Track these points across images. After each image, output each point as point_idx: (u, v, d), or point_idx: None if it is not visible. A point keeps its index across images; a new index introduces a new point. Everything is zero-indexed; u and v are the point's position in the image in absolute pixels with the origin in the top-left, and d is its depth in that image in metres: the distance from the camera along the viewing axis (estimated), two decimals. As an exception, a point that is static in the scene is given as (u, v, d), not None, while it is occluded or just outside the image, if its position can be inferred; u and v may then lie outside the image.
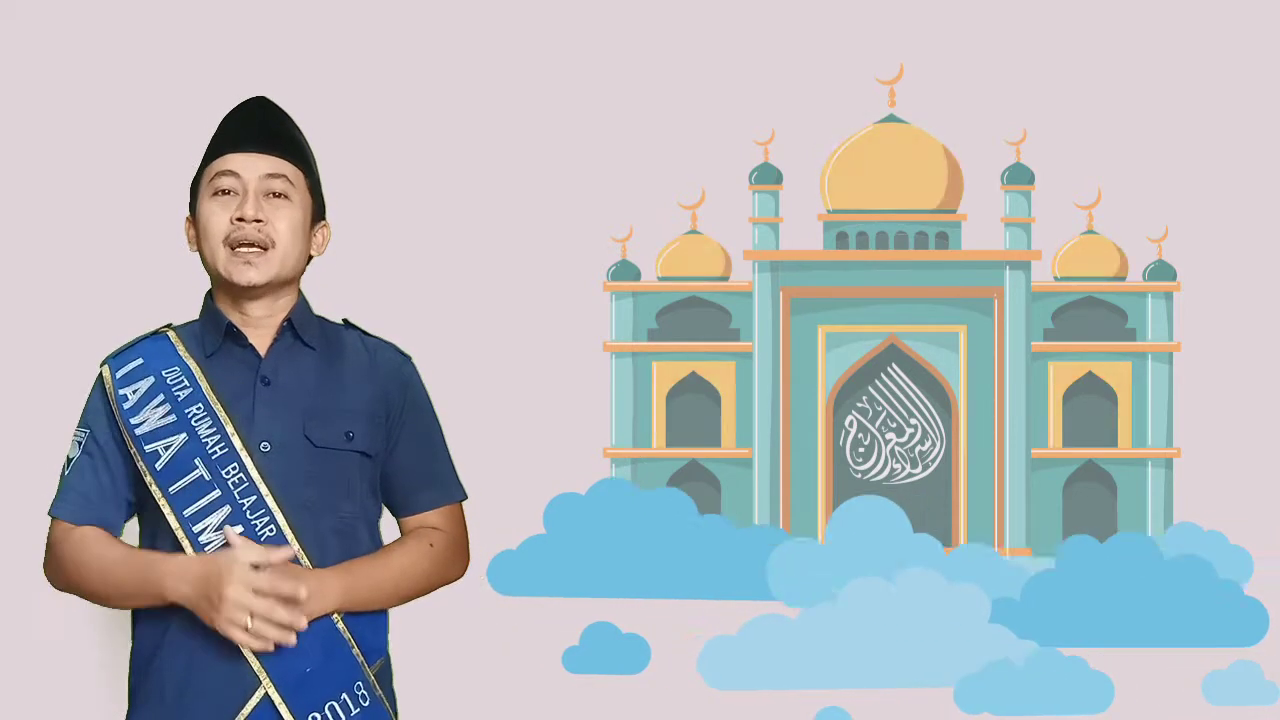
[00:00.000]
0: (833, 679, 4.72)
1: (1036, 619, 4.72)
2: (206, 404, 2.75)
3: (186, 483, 2.72)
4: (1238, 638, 4.70)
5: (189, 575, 2.64)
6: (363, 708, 2.74)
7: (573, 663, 4.71)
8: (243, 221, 2.75)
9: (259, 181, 2.77)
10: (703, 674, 4.69)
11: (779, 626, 4.69)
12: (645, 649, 4.70)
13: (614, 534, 4.71)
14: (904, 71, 4.84)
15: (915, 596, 4.76)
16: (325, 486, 2.76)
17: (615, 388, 4.85)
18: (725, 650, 4.68)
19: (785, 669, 4.70)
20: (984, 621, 4.69)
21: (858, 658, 4.71)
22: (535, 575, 4.68)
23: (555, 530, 4.69)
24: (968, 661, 4.69)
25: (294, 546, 2.72)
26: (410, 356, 2.96)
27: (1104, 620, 4.75)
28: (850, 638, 4.74)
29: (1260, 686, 4.72)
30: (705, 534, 4.74)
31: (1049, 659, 4.68)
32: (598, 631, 4.70)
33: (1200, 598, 4.69)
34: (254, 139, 2.79)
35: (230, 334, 2.81)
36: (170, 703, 2.72)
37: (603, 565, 4.71)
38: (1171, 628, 4.70)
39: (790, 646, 4.69)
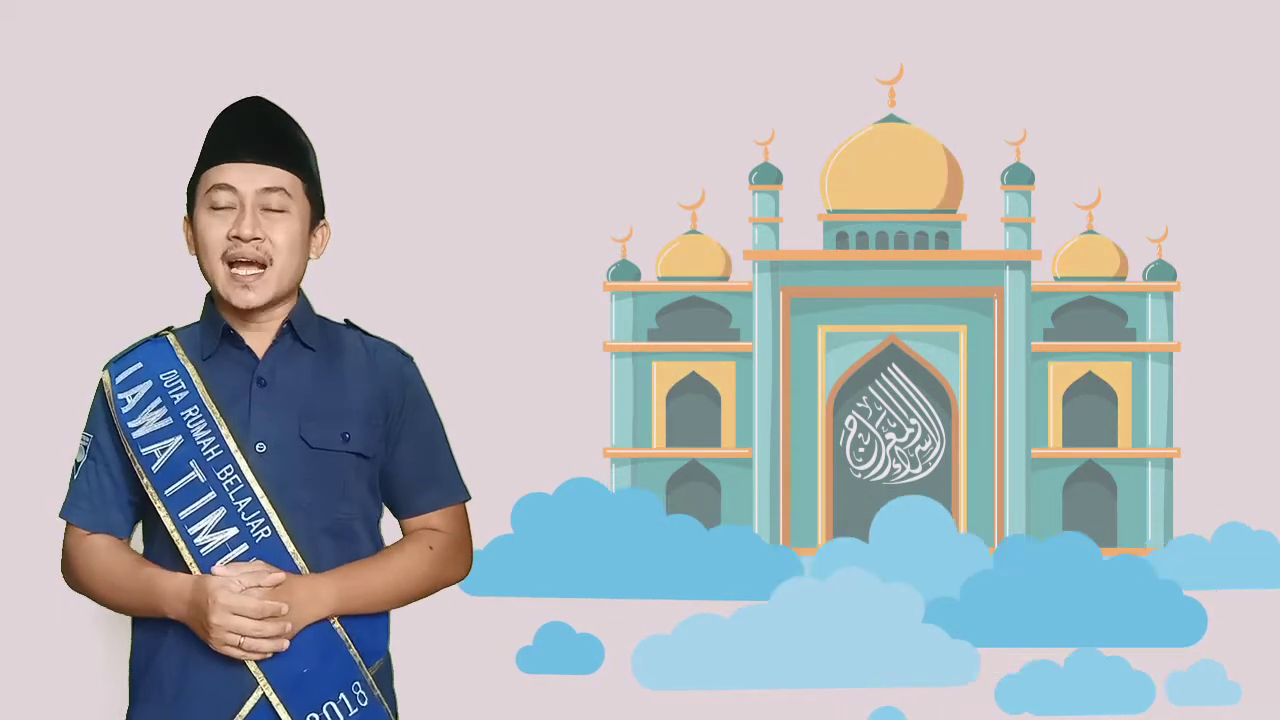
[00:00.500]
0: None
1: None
2: (202, 406, 2.75)
3: (182, 485, 2.72)
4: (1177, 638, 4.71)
5: (184, 598, 2.66)
6: (361, 708, 2.74)
7: (527, 663, 4.71)
8: (240, 239, 2.74)
9: (256, 196, 2.75)
10: (636, 675, 4.70)
11: (714, 626, 4.69)
12: (599, 649, 4.70)
13: (580, 534, 4.71)
14: (904, 71, 4.84)
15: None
16: (321, 488, 2.76)
17: (615, 388, 4.85)
18: (662, 649, 4.68)
19: (721, 669, 4.70)
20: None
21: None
22: (499, 575, 4.68)
23: (522, 530, 4.69)
24: (1006, 660, 4.71)
25: (289, 547, 2.72)
26: (411, 357, 2.95)
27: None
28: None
29: (1223, 686, 4.72)
30: (672, 534, 4.74)
31: (1089, 659, 4.69)
32: (552, 631, 4.70)
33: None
34: (250, 148, 2.77)
35: (228, 336, 2.81)
36: (169, 703, 2.73)
37: (567, 565, 4.71)
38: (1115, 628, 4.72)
39: (725, 646, 4.69)
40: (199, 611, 2.64)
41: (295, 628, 2.68)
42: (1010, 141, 4.85)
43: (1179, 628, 4.69)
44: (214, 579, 2.64)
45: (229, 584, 2.64)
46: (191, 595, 2.65)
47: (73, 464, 2.84)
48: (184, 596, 2.66)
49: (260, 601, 2.63)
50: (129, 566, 2.74)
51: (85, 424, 2.84)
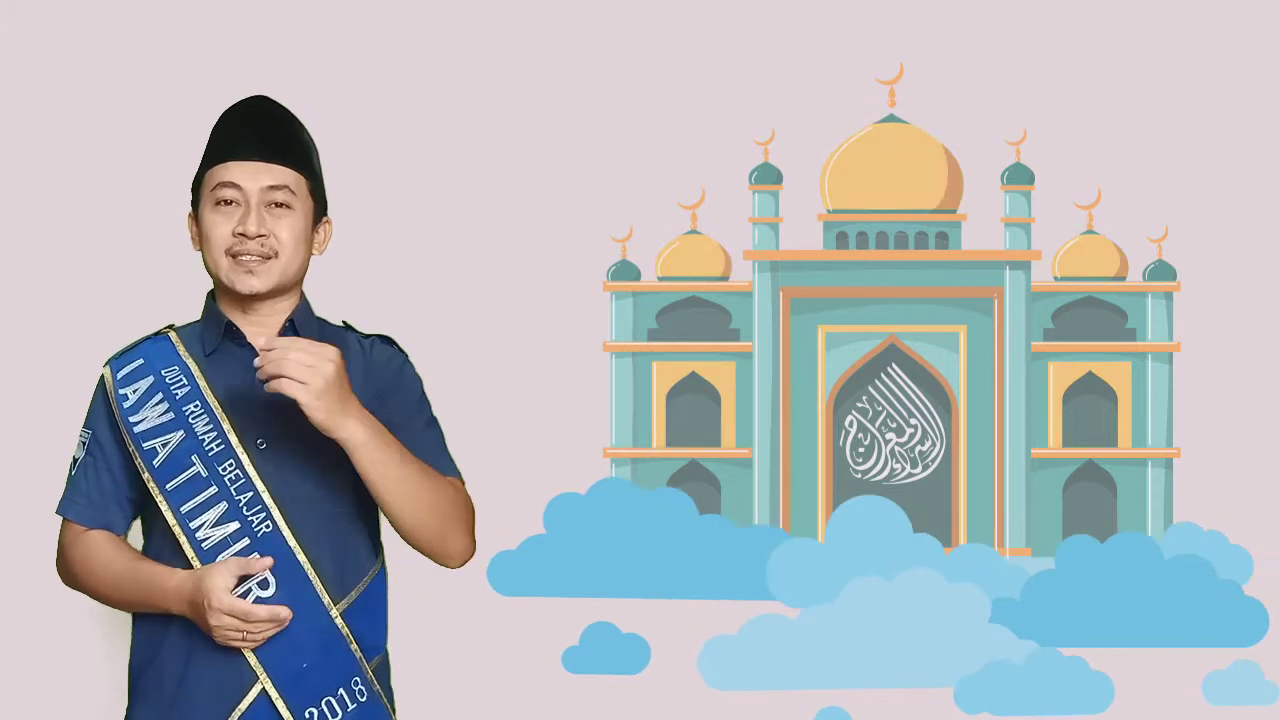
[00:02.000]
0: (832, 679, 4.72)
1: (1036, 619, 4.72)
2: (204, 401, 2.76)
3: (183, 479, 2.73)
4: (1237, 638, 4.70)
5: (184, 595, 2.67)
6: (360, 703, 2.74)
7: (573, 663, 4.71)
8: (245, 236, 2.75)
9: (261, 193, 2.76)
10: (703, 673, 4.69)
11: (779, 626, 4.69)
12: (645, 649, 4.70)
13: (614, 534, 4.71)
14: (904, 71, 4.84)
15: (915, 596, 4.76)
16: (322, 482, 2.76)
17: (615, 388, 4.85)
18: (725, 650, 4.68)
19: (785, 669, 4.70)
20: (984, 621, 4.69)
21: (857, 658, 4.71)
22: (535, 575, 4.68)
23: (555, 530, 4.69)
24: (967, 661, 4.69)
25: (291, 541, 2.72)
26: (406, 353, 2.96)
27: (1104, 620, 4.75)
28: (850, 637, 4.74)
29: (1260, 686, 4.72)
30: (705, 534, 4.74)
31: (1049, 659, 4.68)
32: (598, 631, 4.70)
33: (1200, 597, 4.69)
34: (254, 146, 2.78)
35: (229, 333, 2.82)
36: (169, 698, 2.73)
37: (603, 565, 4.71)
38: (1171, 628, 4.70)
39: (790, 646, 4.69)
40: (196, 611, 2.65)
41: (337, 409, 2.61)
42: (1010, 141, 4.85)
43: (1240, 627, 4.69)
44: (210, 578, 2.64)
45: (225, 582, 2.63)
46: (190, 594, 2.66)
47: (70, 460, 2.85)
48: (183, 595, 2.67)
49: (256, 605, 2.63)
50: (128, 563, 2.74)
51: (85, 420, 2.85)
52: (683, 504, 4.75)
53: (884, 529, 4.73)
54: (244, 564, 2.66)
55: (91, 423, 2.82)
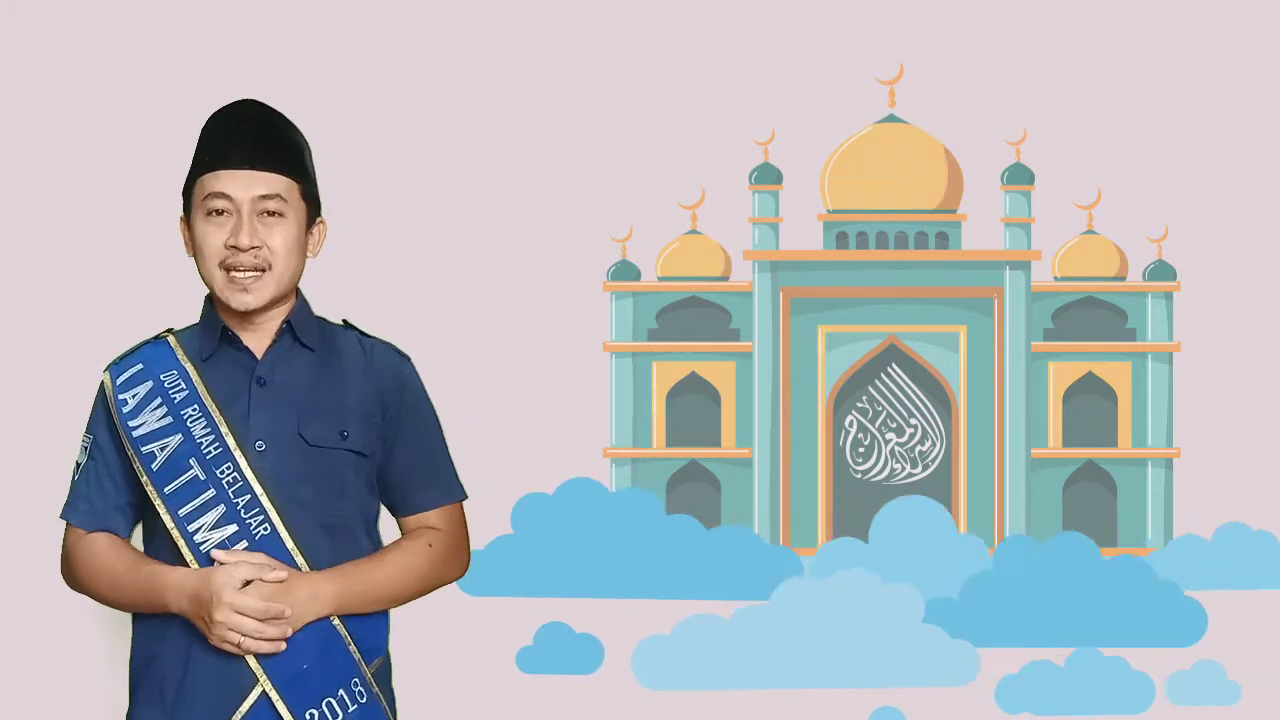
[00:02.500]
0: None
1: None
2: (202, 405, 2.76)
3: (181, 483, 2.73)
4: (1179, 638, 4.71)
5: (186, 591, 2.67)
6: (360, 705, 2.75)
7: (526, 663, 4.71)
8: (237, 248, 2.74)
9: (252, 203, 2.75)
10: (636, 673, 4.70)
11: (713, 626, 4.69)
12: (599, 649, 4.70)
13: (580, 534, 4.71)
14: (904, 71, 4.84)
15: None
16: (320, 485, 2.77)
17: (615, 388, 4.85)
18: (663, 650, 4.68)
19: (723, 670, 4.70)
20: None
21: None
22: (499, 575, 4.68)
23: (522, 530, 4.69)
24: (1007, 661, 4.70)
25: (288, 544, 2.72)
26: (409, 357, 2.96)
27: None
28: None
29: (1223, 686, 4.72)
30: (672, 534, 4.74)
31: (1089, 659, 4.69)
32: (552, 631, 4.70)
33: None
34: (245, 154, 2.76)
35: (226, 337, 2.82)
36: (169, 700, 2.73)
37: (567, 565, 4.71)
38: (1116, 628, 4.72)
39: (726, 646, 4.68)
40: (201, 606, 2.65)
41: (295, 626, 2.69)
42: (1010, 141, 4.85)
43: (1179, 627, 4.69)
44: (219, 575, 2.65)
45: (233, 580, 2.64)
46: (194, 589, 2.66)
47: (74, 465, 2.85)
48: (185, 590, 2.67)
49: (265, 603, 2.64)
50: (130, 563, 2.75)
51: (86, 425, 2.85)
52: (650, 504, 4.75)
53: (927, 529, 4.74)
54: (255, 569, 2.66)
55: (92, 428, 2.83)
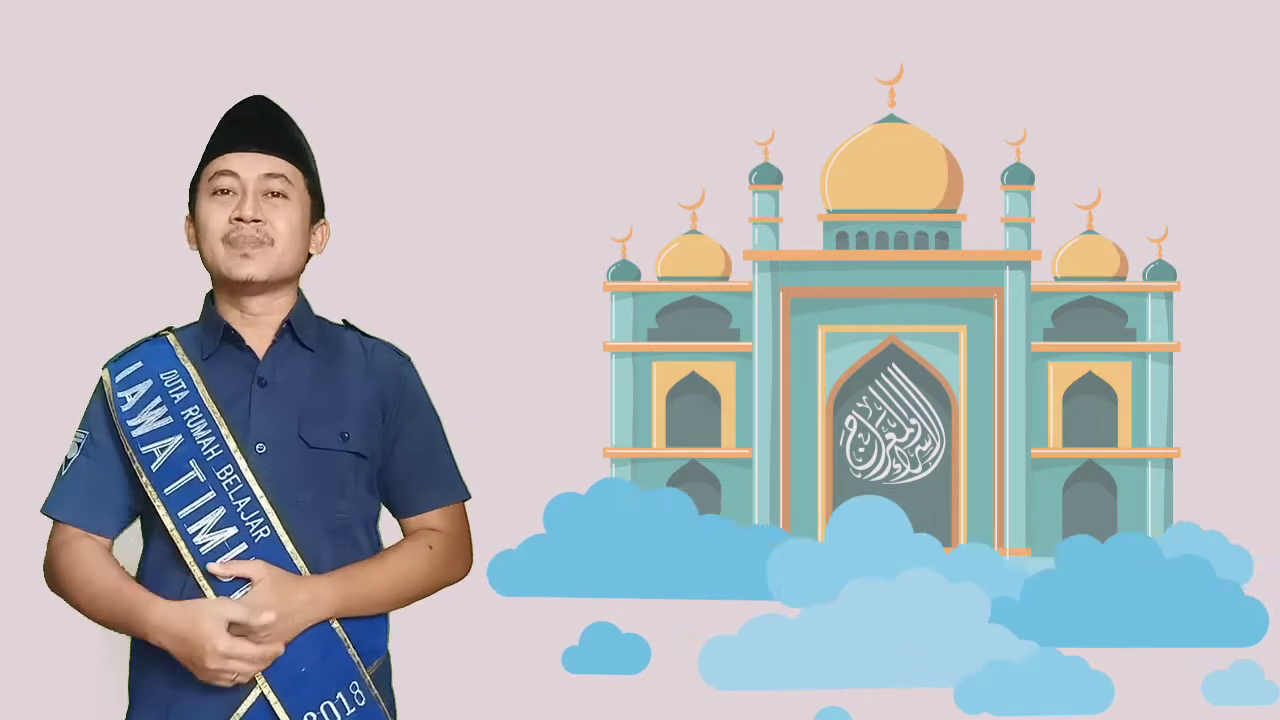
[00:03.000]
0: (832, 679, 4.72)
1: (1036, 619, 4.72)
2: (202, 406, 2.75)
3: (181, 484, 2.71)
4: (1237, 638, 4.69)
5: (170, 632, 2.64)
6: (359, 707, 2.74)
7: (573, 663, 4.70)
8: (241, 221, 2.74)
9: (258, 181, 2.76)
10: (703, 674, 4.69)
11: (779, 626, 4.69)
12: (645, 649, 4.70)
13: (614, 534, 4.71)
14: (904, 71, 4.84)
15: (915, 596, 4.76)
16: (320, 487, 2.76)
17: (615, 388, 4.85)
18: (725, 650, 4.68)
19: (785, 669, 4.70)
20: (984, 621, 4.69)
21: (857, 658, 4.71)
22: (535, 575, 4.68)
23: (555, 530, 4.69)
24: (967, 661, 4.69)
25: (289, 546, 2.72)
26: (409, 357, 2.95)
27: (1104, 620, 4.75)
28: (850, 638, 4.73)
29: (1260, 686, 4.72)
30: (705, 534, 4.74)
31: (1049, 659, 4.68)
32: (598, 631, 4.70)
33: (1200, 598, 4.68)
34: (252, 138, 2.78)
35: (228, 336, 2.81)
36: (166, 702, 2.72)
37: (603, 565, 4.71)
38: (1171, 628, 4.70)
39: (790, 646, 4.68)
40: (188, 649, 2.61)
41: (296, 631, 2.68)
42: (1010, 141, 4.85)
43: (1240, 627, 4.69)
44: (206, 623, 2.60)
45: (221, 625, 2.60)
46: (181, 634, 2.62)
47: (62, 460, 2.83)
48: (169, 631, 2.63)
49: (261, 648, 2.62)
50: (111, 581, 2.71)
51: (81, 421, 2.83)
52: (683, 504, 4.75)
53: (884, 529, 4.73)
54: (244, 613, 2.63)
55: (89, 424, 2.80)
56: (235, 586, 2.67)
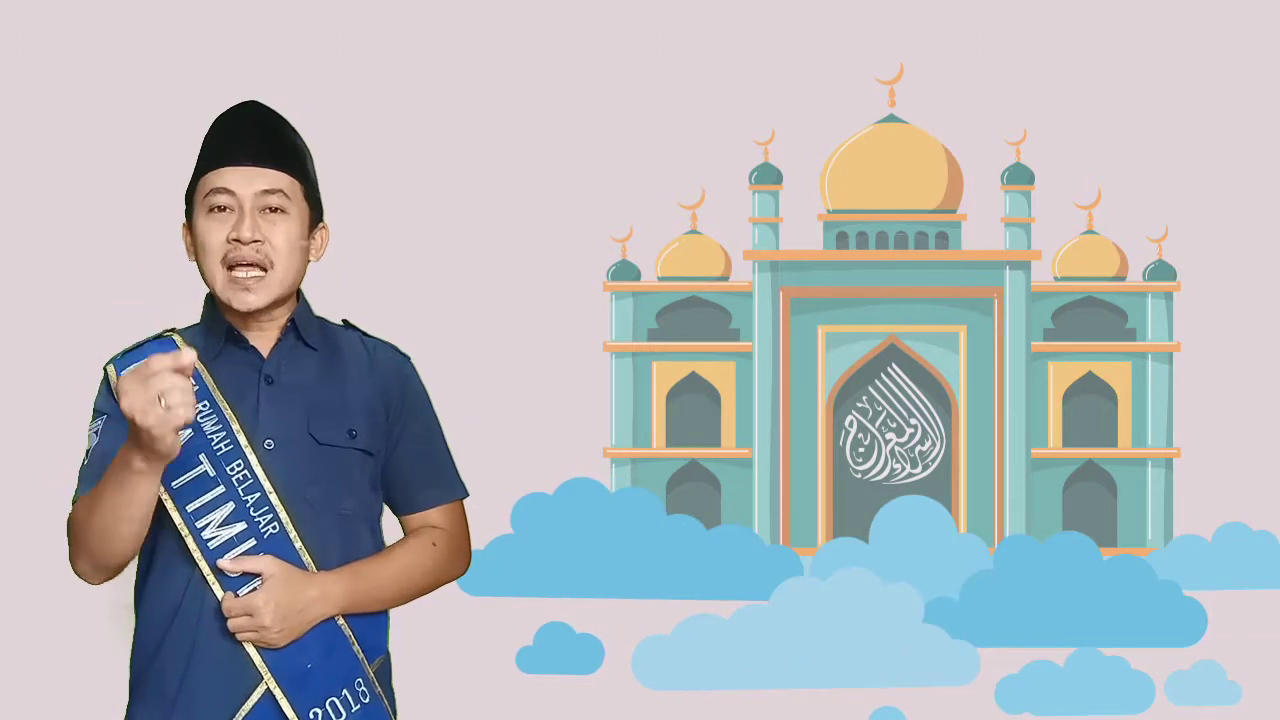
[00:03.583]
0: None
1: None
2: (212, 401, 2.75)
3: (190, 478, 2.72)
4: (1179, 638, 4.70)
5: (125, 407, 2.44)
6: (363, 704, 2.74)
7: (527, 663, 4.70)
8: (239, 242, 2.73)
9: (254, 198, 2.75)
10: (637, 675, 4.70)
11: (714, 626, 4.69)
12: (599, 649, 4.70)
13: (580, 534, 4.71)
14: (904, 71, 4.84)
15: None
16: (328, 484, 2.76)
17: (615, 388, 4.85)
18: (660, 650, 4.68)
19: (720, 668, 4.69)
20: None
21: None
22: (499, 575, 4.68)
23: (522, 530, 4.69)
24: (1008, 661, 4.70)
25: (297, 542, 2.72)
26: (409, 356, 2.96)
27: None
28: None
29: (1223, 686, 4.73)
30: (672, 534, 4.74)
31: (1089, 659, 4.68)
32: (552, 631, 4.70)
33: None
34: (248, 151, 2.76)
35: (231, 336, 2.81)
36: (171, 697, 2.72)
37: (567, 565, 4.71)
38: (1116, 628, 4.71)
39: (724, 646, 4.68)
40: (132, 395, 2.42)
41: (306, 626, 2.68)
42: (1010, 141, 4.85)
43: (1179, 627, 4.69)
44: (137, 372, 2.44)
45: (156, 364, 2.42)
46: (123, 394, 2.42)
47: (83, 454, 2.82)
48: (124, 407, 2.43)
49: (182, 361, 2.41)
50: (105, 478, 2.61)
51: (93, 414, 2.82)
52: (650, 504, 4.75)
53: (928, 529, 4.73)
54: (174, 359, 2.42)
55: (102, 411, 2.79)
56: (243, 582, 2.67)
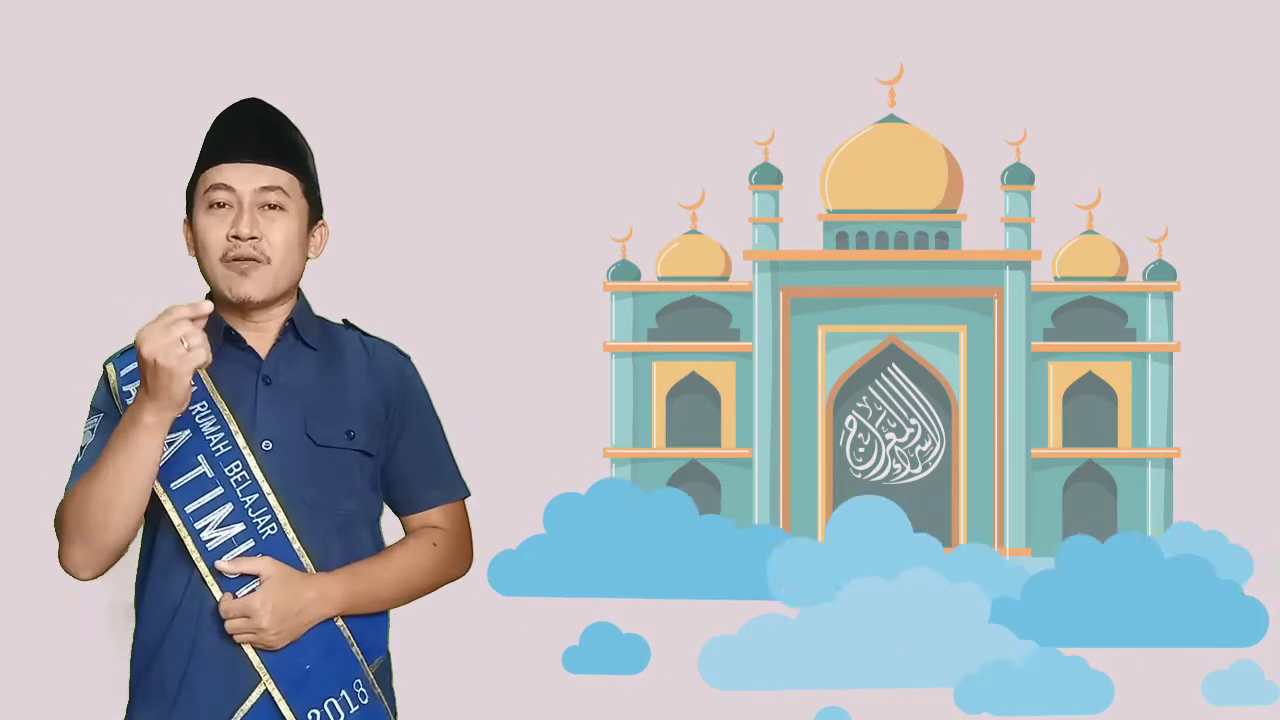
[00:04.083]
0: (832, 679, 4.71)
1: (1036, 619, 4.71)
2: (211, 402, 2.74)
3: (189, 479, 2.70)
4: (1237, 638, 4.69)
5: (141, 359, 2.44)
6: (361, 705, 2.73)
7: (573, 663, 4.69)
8: (238, 239, 2.72)
9: (254, 195, 2.73)
10: (703, 674, 4.68)
11: (779, 626, 4.68)
12: (645, 649, 4.69)
13: (614, 534, 4.71)
14: (904, 71, 4.84)
15: (915, 596, 4.76)
16: (327, 485, 2.75)
17: (615, 388, 4.85)
18: (725, 650, 4.67)
19: (785, 669, 4.69)
20: (983, 621, 4.68)
21: (857, 658, 4.71)
22: (536, 575, 4.68)
23: (555, 530, 4.69)
24: (967, 661, 4.69)
25: (295, 544, 2.71)
26: (409, 356, 2.94)
27: (1104, 620, 4.75)
28: (850, 638, 4.73)
29: (1260, 687, 4.72)
30: (706, 534, 4.74)
31: (1049, 659, 4.67)
32: (598, 631, 4.69)
33: (1200, 598, 4.67)
34: (247, 148, 2.75)
35: (229, 337, 2.80)
36: (171, 698, 2.71)
37: (603, 565, 4.71)
38: (1171, 627, 4.69)
39: (790, 646, 4.67)
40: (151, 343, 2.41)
41: (304, 628, 2.67)
42: (1010, 141, 4.85)
43: (1240, 628, 4.66)
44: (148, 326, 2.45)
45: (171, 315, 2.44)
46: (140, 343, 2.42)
47: (78, 450, 2.81)
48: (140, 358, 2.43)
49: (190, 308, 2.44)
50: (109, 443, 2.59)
51: (90, 411, 2.81)
52: (683, 504, 4.75)
53: (884, 529, 4.71)
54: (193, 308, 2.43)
55: (99, 410, 2.77)
56: (242, 583, 2.66)
